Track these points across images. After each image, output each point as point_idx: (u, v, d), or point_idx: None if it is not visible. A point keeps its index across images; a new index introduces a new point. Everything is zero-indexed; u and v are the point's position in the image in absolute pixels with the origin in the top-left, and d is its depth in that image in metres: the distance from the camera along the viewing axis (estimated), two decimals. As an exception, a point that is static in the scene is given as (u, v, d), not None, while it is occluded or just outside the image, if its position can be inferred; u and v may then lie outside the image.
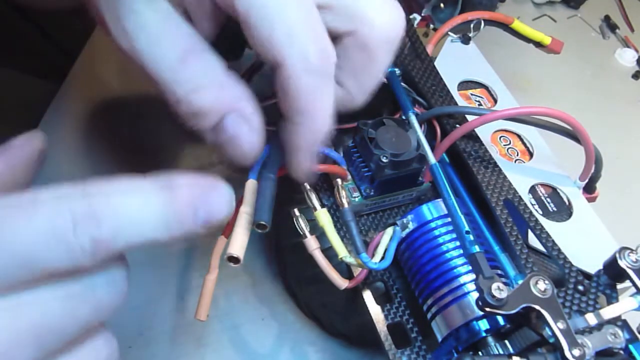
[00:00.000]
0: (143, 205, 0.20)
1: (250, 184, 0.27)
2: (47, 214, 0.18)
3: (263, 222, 0.25)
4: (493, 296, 0.24)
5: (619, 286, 0.29)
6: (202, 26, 0.27)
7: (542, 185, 0.36)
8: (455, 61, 0.41)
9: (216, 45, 0.26)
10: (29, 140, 0.24)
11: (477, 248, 0.27)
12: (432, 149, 0.32)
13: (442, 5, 0.48)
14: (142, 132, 0.45)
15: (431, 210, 0.31)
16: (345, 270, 0.32)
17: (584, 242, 0.33)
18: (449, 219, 0.30)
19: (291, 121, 0.26)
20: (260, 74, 0.34)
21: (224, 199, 0.22)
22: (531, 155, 0.38)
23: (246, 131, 0.26)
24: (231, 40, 0.29)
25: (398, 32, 0.28)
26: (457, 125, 0.35)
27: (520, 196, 0.33)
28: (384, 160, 0.31)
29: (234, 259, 0.24)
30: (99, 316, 0.20)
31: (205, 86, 0.25)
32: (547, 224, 0.32)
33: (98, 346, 0.21)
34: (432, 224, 0.31)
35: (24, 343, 0.18)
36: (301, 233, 0.30)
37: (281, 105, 0.26)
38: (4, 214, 0.18)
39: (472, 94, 0.41)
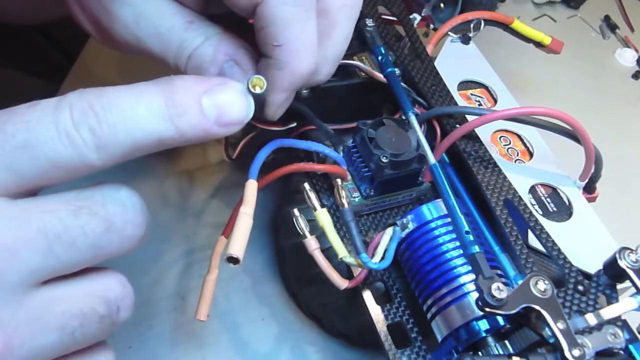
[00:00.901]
0: (139, 97, 0.20)
1: (250, 184, 0.27)
2: (48, 109, 0.19)
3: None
4: (493, 296, 0.24)
5: (619, 286, 0.29)
6: (189, 4, 0.28)
7: (542, 185, 0.36)
8: (455, 61, 0.41)
9: None
10: None
11: (477, 248, 0.27)
12: (432, 149, 0.32)
13: (442, 5, 0.48)
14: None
15: (431, 210, 0.31)
16: (345, 270, 0.32)
17: (584, 242, 0.33)
18: (449, 219, 0.30)
19: (270, 57, 0.26)
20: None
21: (234, 93, 0.22)
22: (531, 155, 0.38)
23: (239, 74, 0.27)
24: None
25: None
26: (457, 125, 0.35)
27: (520, 196, 0.33)
28: (384, 160, 0.31)
29: (233, 260, 0.24)
30: (112, 243, 0.20)
31: (206, 41, 0.27)
32: (547, 224, 0.32)
33: None
34: (432, 224, 0.31)
35: (32, 244, 0.18)
36: (301, 233, 0.30)
37: (261, 44, 0.26)
38: (8, 112, 0.19)
39: (472, 94, 0.41)
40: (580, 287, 0.29)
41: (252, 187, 0.27)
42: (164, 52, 0.27)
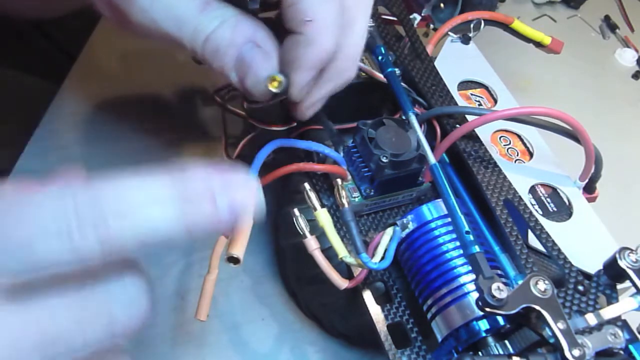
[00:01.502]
0: (149, 192, 0.18)
1: None
2: (50, 208, 0.17)
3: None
4: (493, 296, 0.24)
5: (619, 286, 0.29)
6: None
7: (542, 185, 0.36)
8: (455, 61, 0.41)
9: None
10: None
11: (477, 248, 0.27)
12: (432, 149, 0.32)
13: (442, 5, 0.48)
14: (143, 132, 0.45)
15: (431, 210, 0.31)
16: (345, 270, 0.32)
17: (584, 242, 0.33)
18: (449, 219, 0.30)
19: (299, 32, 0.27)
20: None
21: (250, 192, 0.20)
22: (531, 155, 0.38)
23: (260, 56, 0.27)
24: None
25: None
26: (457, 125, 0.35)
27: (520, 196, 0.33)
28: (384, 160, 0.31)
29: (234, 260, 0.24)
30: (114, 336, 0.19)
31: (223, 23, 0.27)
32: (547, 224, 0.32)
33: None
34: (432, 224, 0.31)
35: (27, 351, 0.17)
36: (301, 233, 0.30)
37: (289, 19, 0.27)
38: (7, 204, 0.17)
39: (472, 94, 0.41)
40: (580, 287, 0.29)
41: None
42: (180, 36, 0.27)
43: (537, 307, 0.25)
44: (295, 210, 0.31)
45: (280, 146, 0.30)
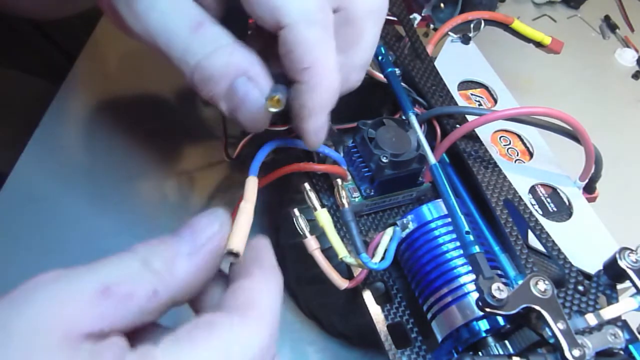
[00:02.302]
0: None
1: (251, 181, 0.27)
2: None
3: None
4: (493, 296, 0.24)
5: (619, 286, 0.29)
6: (208, 4, 0.27)
7: (542, 185, 0.36)
8: (455, 61, 0.41)
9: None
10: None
11: (477, 248, 0.27)
12: (432, 149, 0.32)
13: (442, 5, 0.48)
14: (143, 132, 0.45)
15: (431, 210, 0.31)
16: (345, 270, 0.31)
17: (584, 242, 0.33)
18: (449, 219, 0.30)
19: (299, 81, 0.26)
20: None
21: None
22: (531, 155, 0.38)
23: (255, 92, 0.26)
24: (236, 21, 0.29)
25: (383, 0, 0.29)
26: (457, 126, 0.35)
27: (520, 196, 0.33)
28: (384, 160, 0.31)
29: (233, 254, 0.24)
30: None
31: (216, 51, 0.25)
32: (547, 224, 0.32)
33: None
34: (432, 224, 0.31)
35: None
36: (301, 233, 0.30)
37: (287, 68, 0.26)
38: None
39: (472, 94, 0.41)
40: (581, 287, 0.29)
41: (252, 184, 0.27)
42: (169, 53, 0.26)
43: (537, 307, 0.25)
44: (295, 210, 0.31)
45: (280, 146, 0.30)
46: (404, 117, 0.34)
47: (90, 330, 0.19)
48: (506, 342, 0.27)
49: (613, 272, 0.28)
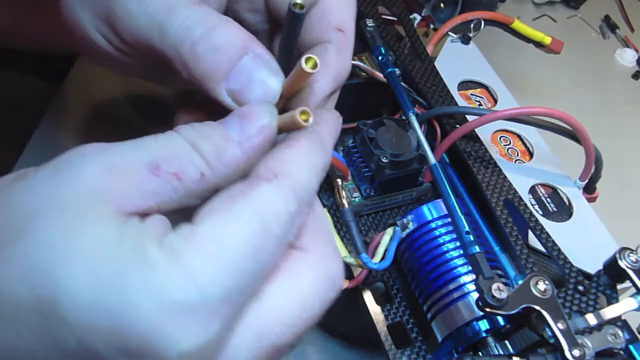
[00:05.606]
0: None
1: None
2: None
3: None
4: (493, 296, 0.24)
5: (619, 286, 0.29)
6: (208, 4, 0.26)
7: (542, 185, 0.36)
8: (455, 61, 0.41)
9: None
10: None
11: (477, 248, 0.27)
12: (432, 149, 0.32)
13: (442, 5, 0.48)
14: (143, 132, 0.45)
15: (431, 210, 0.31)
16: (345, 270, 0.31)
17: (584, 242, 0.33)
18: (449, 219, 0.30)
19: (332, 41, 0.26)
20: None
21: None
22: (531, 155, 0.38)
23: (265, 70, 0.24)
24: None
25: None
26: (457, 126, 0.35)
27: (520, 196, 0.33)
28: (384, 160, 0.31)
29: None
30: None
31: (222, 23, 0.24)
32: (547, 224, 0.32)
33: None
34: (432, 224, 0.31)
35: None
36: (301, 233, 0.30)
37: (322, 31, 0.26)
38: None
39: (472, 94, 0.41)
40: (581, 287, 0.29)
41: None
42: (167, 32, 0.24)
43: (537, 307, 0.25)
44: (295, 211, 0.31)
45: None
46: (404, 117, 0.34)
47: (139, 206, 0.18)
48: (506, 342, 0.27)
49: (613, 272, 0.28)
